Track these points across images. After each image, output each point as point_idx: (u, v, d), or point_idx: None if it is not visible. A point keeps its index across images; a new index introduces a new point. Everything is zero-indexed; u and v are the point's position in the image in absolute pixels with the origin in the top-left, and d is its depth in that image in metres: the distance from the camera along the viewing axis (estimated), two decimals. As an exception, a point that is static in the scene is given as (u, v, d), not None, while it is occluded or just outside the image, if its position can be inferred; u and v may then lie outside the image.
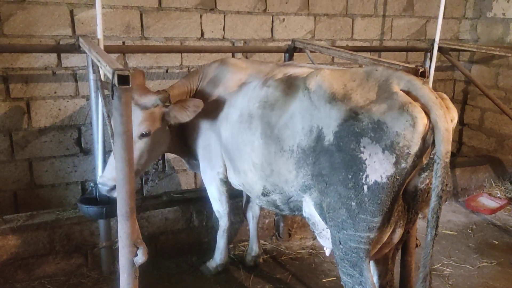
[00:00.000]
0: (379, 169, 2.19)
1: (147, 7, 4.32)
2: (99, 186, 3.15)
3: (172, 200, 4.04)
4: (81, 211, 3.46)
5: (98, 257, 3.73)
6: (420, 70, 2.51)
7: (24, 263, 3.55)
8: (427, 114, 2.13)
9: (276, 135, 2.68)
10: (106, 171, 3.11)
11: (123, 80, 2.02)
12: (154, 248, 3.89)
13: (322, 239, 2.69)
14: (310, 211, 2.66)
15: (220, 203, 3.50)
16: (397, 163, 2.17)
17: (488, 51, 4.92)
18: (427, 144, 2.18)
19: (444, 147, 2.11)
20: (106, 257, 3.68)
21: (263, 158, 2.78)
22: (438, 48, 4.73)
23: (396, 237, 2.48)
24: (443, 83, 6.35)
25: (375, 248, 2.44)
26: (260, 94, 2.88)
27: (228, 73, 3.25)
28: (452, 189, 5.28)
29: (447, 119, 2.13)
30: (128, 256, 2.17)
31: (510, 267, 3.96)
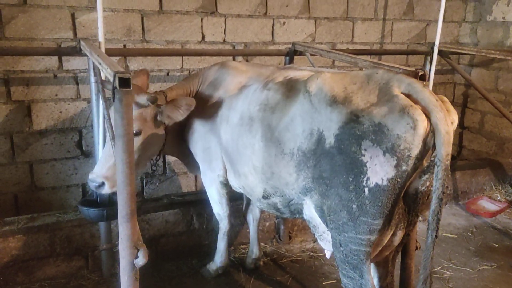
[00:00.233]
0: (380, 171, 2.20)
1: (148, 10, 4.33)
2: (88, 182, 3.09)
3: (172, 203, 4.04)
4: (81, 213, 3.45)
5: (99, 259, 3.74)
6: (420, 73, 2.52)
7: (25, 265, 3.55)
8: (428, 117, 2.14)
9: (276, 138, 2.68)
10: (97, 168, 3.07)
11: (124, 82, 2.03)
12: (154, 251, 3.89)
13: (322, 242, 2.69)
14: (310, 214, 2.66)
15: (220, 205, 3.51)
16: (398, 166, 2.18)
17: (488, 54, 4.92)
18: (428, 147, 2.19)
19: (444, 149, 2.11)
20: (107, 259, 3.69)
21: (264, 161, 2.79)
22: (438, 52, 4.73)
23: (396, 239, 2.48)
24: (443, 86, 6.36)
25: (376, 250, 2.44)
26: (260, 97, 2.88)
27: (228, 76, 3.25)
28: (452, 192, 5.28)
29: (448, 121, 2.14)
30: (128, 258, 2.18)
31: (510, 270, 3.96)
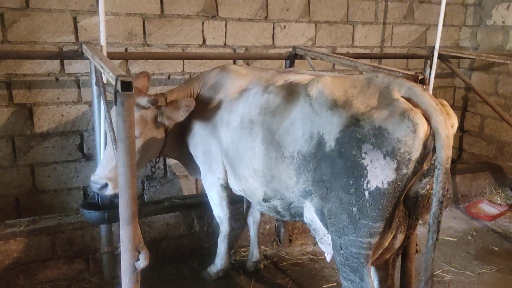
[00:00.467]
0: (381, 175, 2.21)
1: (150, 14, 4.36)
2: (91, 184, 3.11)
3: (173, 206, 4.05)
4: (83, 216, 3.46)
5: (100, 262, 3.74)
6: (420, 77, 2.53)
7: (26, 268, 3.55)
8: (428, 120, 2.15)
9: (277, 141, 2.69)
10: (99, 169, 3.09)
11: (126, 86, 2.05)
12: (155, 253, 3.89)
13: (323, 245, 2.70)
14: (311, 217, 2.67)
15: (221, 208, 3.51)
16: (398, 169, 2.19)
17: (488, 58, 4.94)
18: (428, 150, 2.19)
19: (444, 153, 2.12)
20: (108, 262, 3.69)
21: (264, 164, 2.79)
22: (438, 55, 4.75)
23: (397, 242, 2.49)
24: (443, 90, 6.38)
25: (376, 253, 2.45)
26: (261, 100, 2.90)
27: (229, 79, 3.26)
28: (452, 195, 5.28)
29: (448, 125, 2.15)
30: (130, 261, 2.19)
31: (511, 273, 3.96)
